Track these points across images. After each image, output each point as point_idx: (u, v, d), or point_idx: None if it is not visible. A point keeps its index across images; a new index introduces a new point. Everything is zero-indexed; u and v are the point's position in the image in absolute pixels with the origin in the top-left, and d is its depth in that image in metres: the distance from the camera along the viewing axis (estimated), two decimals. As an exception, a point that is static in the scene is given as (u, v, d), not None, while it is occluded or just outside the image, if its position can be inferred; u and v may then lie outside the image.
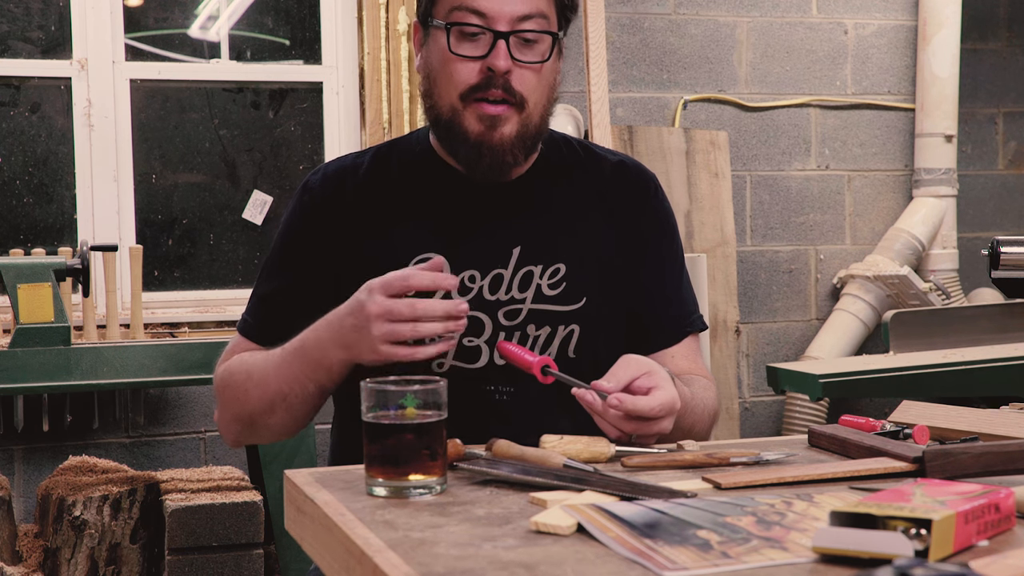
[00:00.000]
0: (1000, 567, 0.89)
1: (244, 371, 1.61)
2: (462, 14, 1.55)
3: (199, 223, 3.83)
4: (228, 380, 1.63)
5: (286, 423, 1.60)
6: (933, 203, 4.21)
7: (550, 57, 1.59)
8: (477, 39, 1.56)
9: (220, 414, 1.67)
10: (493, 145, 1.57)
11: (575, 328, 1.63)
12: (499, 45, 1.54)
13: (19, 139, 3.66)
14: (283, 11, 3.90)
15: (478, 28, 1.55)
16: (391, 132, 3.68)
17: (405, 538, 1.05)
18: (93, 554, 3.05)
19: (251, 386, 1.59)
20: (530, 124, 1.59)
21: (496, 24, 1.55)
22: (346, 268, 1.63)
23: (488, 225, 1.64)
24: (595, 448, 1.39)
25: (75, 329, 3.33)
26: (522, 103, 1.57)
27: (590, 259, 1.66)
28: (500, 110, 1.56)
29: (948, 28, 4.16)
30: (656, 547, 0.99)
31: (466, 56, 1.56)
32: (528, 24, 1.56)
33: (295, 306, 1.64)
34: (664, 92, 4.07)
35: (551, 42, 1.59)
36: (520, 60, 1.56)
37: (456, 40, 1.56)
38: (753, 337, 4.17)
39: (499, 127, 1.56)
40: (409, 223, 1.64)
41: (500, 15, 1.55)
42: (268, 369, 1.57)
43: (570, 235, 1.66)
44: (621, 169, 1.74)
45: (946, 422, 1.52)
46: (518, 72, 1.56)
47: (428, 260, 1.53)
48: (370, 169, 1.68)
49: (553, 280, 1.64)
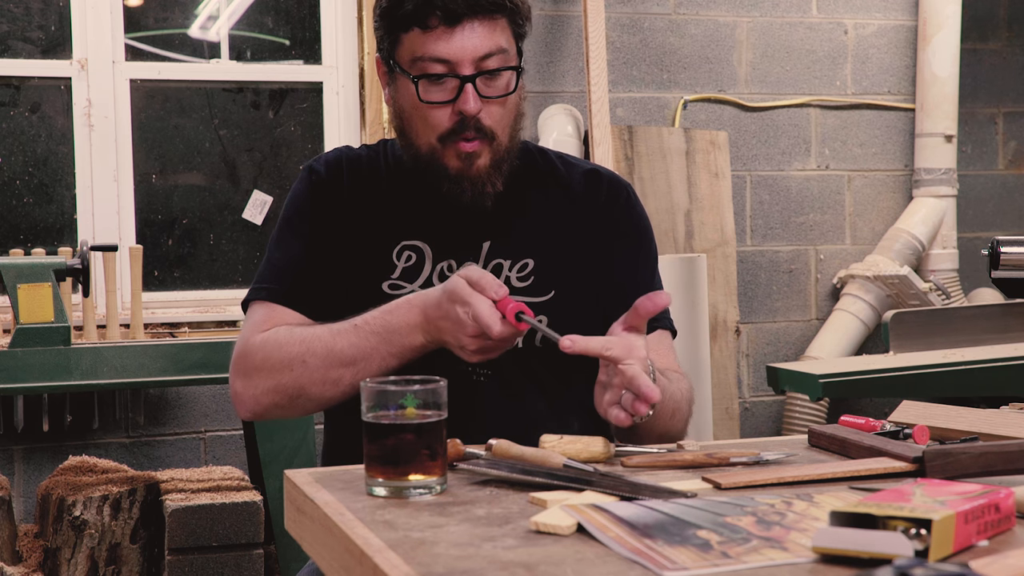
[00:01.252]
0: (1000, 567, 0.89)
1: (299, 342, 1.60)
2: (426, 64, 1.61)
3: (199, 223, 3.83)
4: (275, 350, 1.61)
5: (345, 395, 1.60)
6: (933, 203, 4.21)
7: (515, 89, 1.66)
8: (443, 83, 1.62)
9: (251, 383, 1.63)
10: (472, 177, 1.65)
11: (543, 318, 1.66)
12: (467, 89, 1.61)
13: (19, 139, 3.66)
14: (283, 11, 3.90)
15: (443, 75, 1.61)
16: (391, 132, 3.66)
17: (405, 538, 1.05)
18: (93, 554, 3.05)
19: (312, 358, 1.58)
20: (500, 150, 1.67)
21: (460, 69, 1.61)
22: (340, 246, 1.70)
23: (461, 221, 1.70)
24: (595, 448, 1.39)
25: (75, 329, 3.33)
26: (492, 135, 1.65)
27: (559, 257, 1.72)
28: (474, 147, 1.64)
29: (948, 28, 4.16)
30: (656, 547, 0.99)
31: (436, 103, 1.63)
32: (490, 62, 1.62)
33: (318, 272, 1.69)
34: (664, 92, 4.07)
35: (514, 74, 1.66)
36: (487, 96, 1.63)
37: (424, 89, 1.63)
38: (753, 337, 4.17)
39: (475, 161, 1.65)
40: (395, 212, 1.72)
41: (462, 60, 1.60)
42: (338, 343, 1.57)
43: (539, 234, 1.73)
44: (593, 177, 1.80)
45: (946, 422, 1.52)
46: (486, 109, 1.63)
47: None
48: (364, 161, 1.77)
49: (522, 274, 1.70)
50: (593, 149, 3.60)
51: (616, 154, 3.80)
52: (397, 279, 1.68)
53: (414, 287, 1.67)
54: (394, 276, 1.68)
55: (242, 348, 1.65)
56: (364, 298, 1.65)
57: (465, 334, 1.48)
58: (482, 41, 1.61)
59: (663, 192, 3.87)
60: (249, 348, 1.64)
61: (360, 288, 1.68)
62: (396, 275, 1.68)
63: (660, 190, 3.88)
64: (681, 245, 3.89)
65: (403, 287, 1.68)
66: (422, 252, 1.69)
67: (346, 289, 1.68)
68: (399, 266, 1.69)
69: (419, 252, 1.69)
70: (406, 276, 1.69)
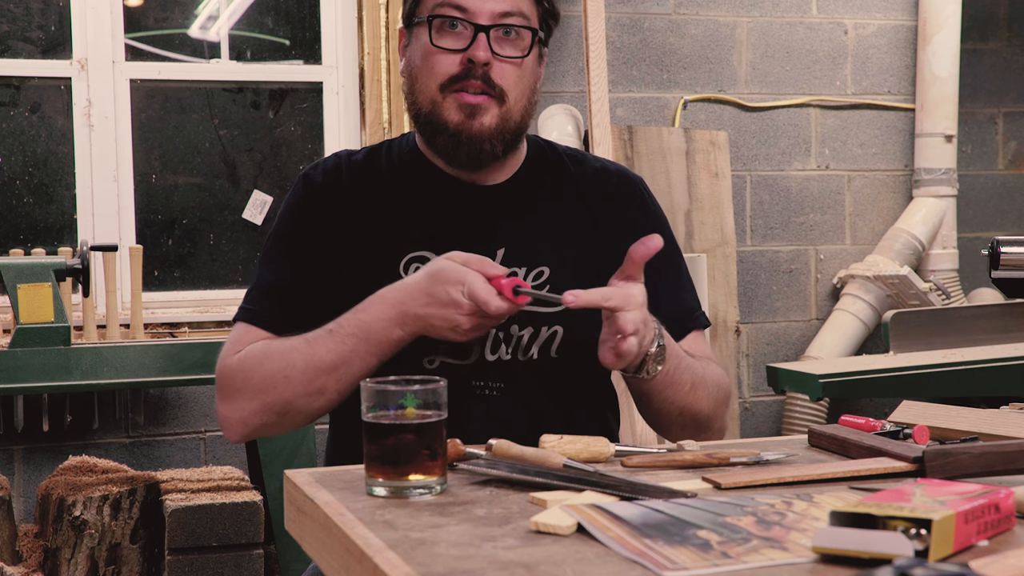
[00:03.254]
0: (1000, 567, 0.89)
1: (278, 356, 1.57)
2: (444, 8, 1.61)
3: (199, 223, 3.83)
4: (254, 369, 1.59)
5: (332, 403, 1.58)
6: (933, 203, 4.21)
7: (529, 53, 1.63)
8: (458, 32, 1.61)
9: (236, 406, 1.61)
10: (472, 134, 1.61)
11: (558, 329, 1.65)
12: (479, 37, 1.60)
13: (19, 139, 3.66)
14: (283, 11, 3.90)
15: (459, 20, 1.60)
16: (391, 132, 3.68)
17: (405, 538, 1.05)
18: (93, 554, 3.05)
19: (293, 372, 1.56)
20: (510, 119, 1.62)
21: (477, 18, 1.60)
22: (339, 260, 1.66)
23: (473, 227, 1.66)
24: (595, 448, 1.38)
25: (75, 329, 3.33)
26: (502, 96, 1.61)
27: (574, 263, 1.69)
28: (480, 100, 1.60)
29: (948, 28, 4.16)
30: (656, 547, 0.99)
31: (447, 48, 1.60)
32: (509, 20, 1.61)
33: (304, 294, 1.65)
34: (664, 92, 4.07)
35: (531, 39, 1.63)
36: (500, 54, 1.61)
37: (437, 33, 1.61)
38: (753, 337, 4.17)
39: (478, 116, 1.60)
40: (397, 222, 1.67)
41: (481, 10, 1.60)
42: (317, 352, 1.55)
43: (554, 239, 1.69)
44: (604, 175, 1.77)
45: (946, 422, 1.51)
46: (498, 66, 1.60)
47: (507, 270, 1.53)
48: (363, 166, 1.72)
49: (537, 283, 1.66)
50: (593, 149, 3.60)
51: (616, 154, 3.80)
52: None
53: None
54: None
55: (220, 371, 1.62)
56: None
57: (461, 313, 1.46)
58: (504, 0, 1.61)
59: (663, 192, 3.87)
60: (227, 370, 1.61)
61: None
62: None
63: (660, 190, 3.88)
64: (681, 245, 3.89)
65: None
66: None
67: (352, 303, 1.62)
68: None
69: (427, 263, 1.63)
70: None
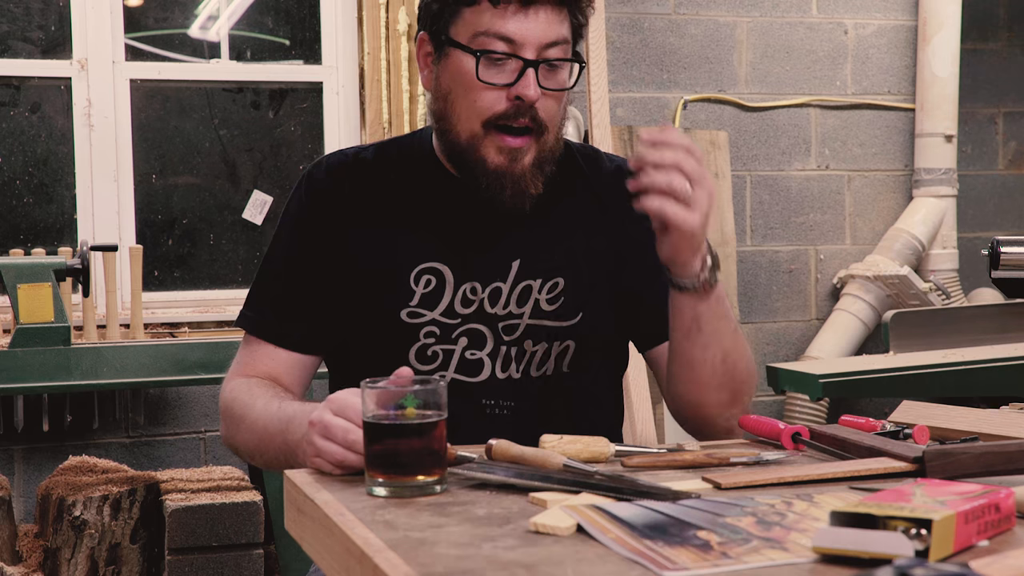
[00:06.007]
0: (1000, 567, 0.89)
1: (242, 406, 1.56)
2: (489, 40, 1.52)
3: (199, 223, 3.83)
4: (229, 408, 1.60)
5: (274, 467, 1.54)
6: (933, 203, 4.21)
7: (574, 84, 1.58)
8: (504, 64, 1.53)
9: (226, 431, 1.63)
10: (515, 176, 1.55)
11: (570, 344, 1.63)
12: (528, 73, 1.52)
13: (19, 139, 3.66)
14: (283, 11, 3.90)
15: (506, 56, 1.52)
16: (391, 132, 3.67)
17: (405, 538, 1.05)
18: (93, 554, 3.04)
19: (243, 427, 1.55)
20: (546, 148, 1.57)
21: (524, 51, 1.52)
22: (345, 266, 1.62)
23: (488, 237, 1.62)
24: (595, 448, 1.38)
25: (75, 329, 3.33)
26: (542, 130, 1.56)
27: (589, 272, 1.65)
28: (521, 143, 1.54)
29: (948, 28, 4.16)
30: (656, 547, 0.99)
31: (493, 84, 1.53)
32: (553, 52, 1.54)
33: (308, 303, 1.62)
34: (664, 92, 4.07)
35: (573, 68, 1.58)
36: (546, 88, 1.54)
37: (483, 67, 1.52)
38: (753, 337, 4.17)
39: (520, 159, 1.55)
40: (409, 229, 1.62)
41: (527, 42, 1.52)
42: (261, 421, 1.52)
43: (569, 247, 1.65)
44: (619, 175, 1.71)
45: (946, 422, 1.51)
46: (543, 100, 1.54)
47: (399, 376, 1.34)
48: (371, 168, 1.66)
49: (551, 295, 1.62)
50: (593, 149, 3.60)
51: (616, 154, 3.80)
52: (416, 307, 1.59)
53: (435, 315, 1.59)
54: (413, 303, 1.59)
55: (220, 395, 1.63)
56: (381, 327, 1.59)
57: (310, 427, 1.33)
58: (550, 27, 1.52)
59: (663, 192, 3.86)
60: (221, 398, 1.62)
61: (376, 316, 1.60)
62: (415, 302, 1.59)
63: (660, 190, 3.87)
64: (681, 245, 3.89)
65: (423, 315, 1.59)
66: (442, 276, 1.60)
67: (358, 314, 1.61)
68: (418, 292, 1.59)
69: (439, 276, 1.60)
70: (425, 303, 1.59)
